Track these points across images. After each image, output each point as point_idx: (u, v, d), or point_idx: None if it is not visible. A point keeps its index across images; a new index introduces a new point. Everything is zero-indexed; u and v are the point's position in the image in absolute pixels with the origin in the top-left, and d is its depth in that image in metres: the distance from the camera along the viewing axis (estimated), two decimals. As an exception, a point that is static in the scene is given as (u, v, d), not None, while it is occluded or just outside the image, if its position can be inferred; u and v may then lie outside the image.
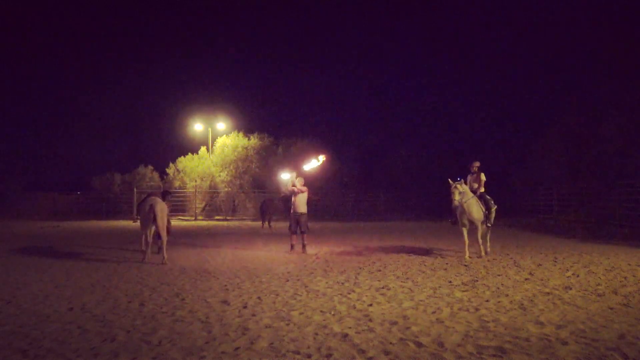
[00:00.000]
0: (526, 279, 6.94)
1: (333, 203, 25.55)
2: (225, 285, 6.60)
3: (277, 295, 5.96)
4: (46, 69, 58.42)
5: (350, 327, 4.51)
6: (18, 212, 24.63)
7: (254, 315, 4.99)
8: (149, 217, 8.77)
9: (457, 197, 8.98)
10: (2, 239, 13.32)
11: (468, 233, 9.38)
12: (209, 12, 64.03)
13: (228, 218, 24.22)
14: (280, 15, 66.78)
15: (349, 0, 66.40)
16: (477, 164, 9.71)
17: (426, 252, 10.27)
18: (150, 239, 9.28)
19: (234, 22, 65.72)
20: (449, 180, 9.11)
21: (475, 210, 9.19)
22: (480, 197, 9.42)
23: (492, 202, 9.56)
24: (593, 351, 3.82)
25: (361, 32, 66.07)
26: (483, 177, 9.64)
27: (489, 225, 9.50)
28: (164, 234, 8.77)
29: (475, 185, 9.60)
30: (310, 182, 18.94)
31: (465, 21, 59.37)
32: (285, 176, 16.37)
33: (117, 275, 7.51)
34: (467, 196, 9.11)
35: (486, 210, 9.37)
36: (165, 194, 10.24)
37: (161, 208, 8.80)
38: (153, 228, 9.05)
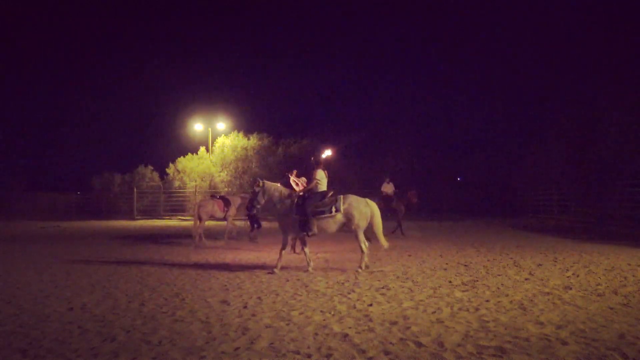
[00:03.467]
0: (526, 279, 6.94)
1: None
2: (225, 285, 6.60)
3: (277, 295, 5.96)
4: (46, 69, 58.44)
5: (350, 327, 4.50)
6: (18, 212, 24.64)
7: (254, 315, 4.99)
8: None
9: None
10: (3, 239, 13.31)
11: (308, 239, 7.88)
12: (209, 12, 64.03)
13: (228, 218, 24.19)
14: (280, 15, 66.80)
15: (348, 0, 66.41)
16: (317, 157, 8.04)
17: (426, 252, 10.27)
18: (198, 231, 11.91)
19: (234, 22, 65.73)
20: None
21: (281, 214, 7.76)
22: (301, 199, 7.71)
23: (329, 210, 7.51)
24: (593, 351, 3.81)
25: (362, 32, 66.07)
26: (317, 174, 7.85)
27: (306, 234, 7.63)
28: (195, 226, 12.14)
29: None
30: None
31: (464, 20, 59.39)
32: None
33: (117, 275, 7.50)
34: (275, 198, 7.82)
35: (298, 215, 7.59)
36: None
37: (199, 206, 12.35)
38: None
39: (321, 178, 7.90)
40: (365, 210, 7.69)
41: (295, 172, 10.42)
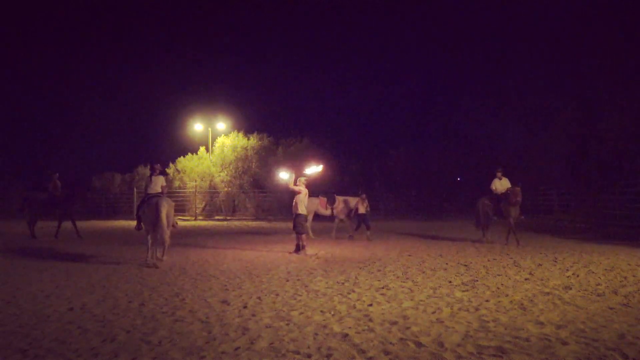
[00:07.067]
0: (526, 279, 6.94)
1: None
2: (225, 285, 6.60)
3: (277, 295, 5.96)
4: (46, 69, 58.46)
5: (350, 327, 4.50)
6: (18, 212, 24.59)
7: (254, 315, 4.99)
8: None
9: None
10: (2, 239, 13.31)
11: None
12: (208, 12, 64.05)
13: (228, 218, 24.21)
14: (280, 15, 66.82)
15: (348, 0, 66.43)
16: (153, 166, 9.78)
17: (426, 252, 10.27)
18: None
19: (234, 23, 65.76)
20: None
21: None
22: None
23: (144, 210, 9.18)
24: (593, 351, 3.82)
25: (361, 32, 66.10)
26: (150, 180, 9.67)
27: (136, 229, 9.92)
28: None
29: None
30: (313, 182, 18.85)
31: (463, 19, 59.41)
32: (284, 175, 16.03)
33: (117, 275, 7.50)
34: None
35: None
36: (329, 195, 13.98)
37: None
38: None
39: (153, 184, 9.42)
40: (160, 209, 8.61)
41: (292, 173, 10.45)
